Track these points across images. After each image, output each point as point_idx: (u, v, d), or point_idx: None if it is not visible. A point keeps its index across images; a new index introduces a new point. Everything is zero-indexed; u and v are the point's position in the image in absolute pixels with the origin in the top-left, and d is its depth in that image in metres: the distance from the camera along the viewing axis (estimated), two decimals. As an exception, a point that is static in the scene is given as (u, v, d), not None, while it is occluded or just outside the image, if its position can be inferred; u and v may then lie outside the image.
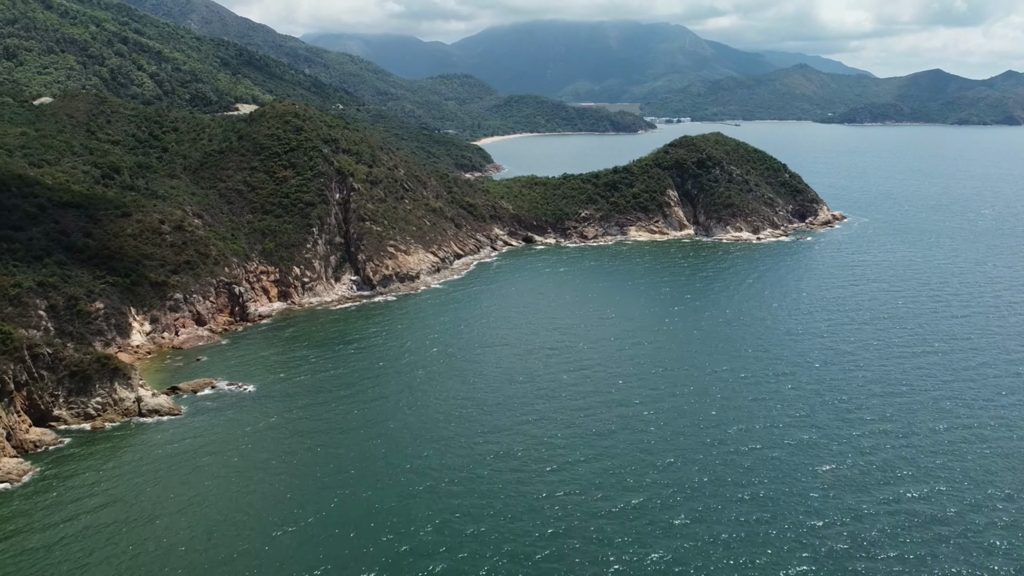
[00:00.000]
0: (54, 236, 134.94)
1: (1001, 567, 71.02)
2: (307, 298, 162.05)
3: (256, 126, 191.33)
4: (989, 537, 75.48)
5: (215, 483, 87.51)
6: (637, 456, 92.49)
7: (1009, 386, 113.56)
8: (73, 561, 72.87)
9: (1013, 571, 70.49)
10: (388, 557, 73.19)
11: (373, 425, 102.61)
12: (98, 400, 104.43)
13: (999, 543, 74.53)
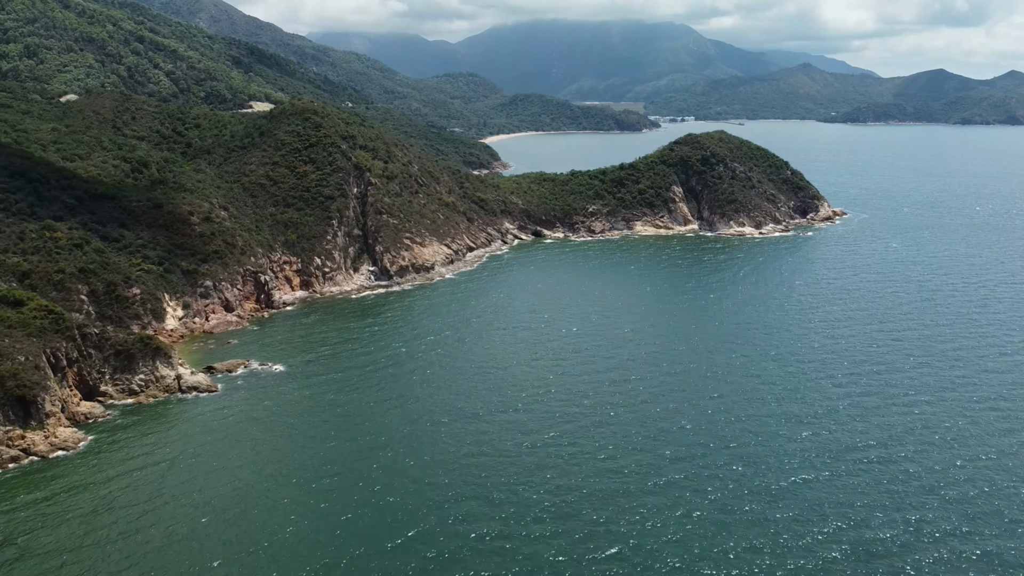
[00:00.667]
0: (91, 226, 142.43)
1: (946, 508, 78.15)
2: (328, 287, 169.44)
3: (277, 123, 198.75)
4: (945, 483, 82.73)
5: (254, 450, 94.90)
6: (637, 417, 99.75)
7: (984, 365, 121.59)
8: (127, 517, 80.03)
9: (954, 508, 77.54)
10: (422, 502, 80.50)
11: (396, 399, 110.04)
12: (141, 377, 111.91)
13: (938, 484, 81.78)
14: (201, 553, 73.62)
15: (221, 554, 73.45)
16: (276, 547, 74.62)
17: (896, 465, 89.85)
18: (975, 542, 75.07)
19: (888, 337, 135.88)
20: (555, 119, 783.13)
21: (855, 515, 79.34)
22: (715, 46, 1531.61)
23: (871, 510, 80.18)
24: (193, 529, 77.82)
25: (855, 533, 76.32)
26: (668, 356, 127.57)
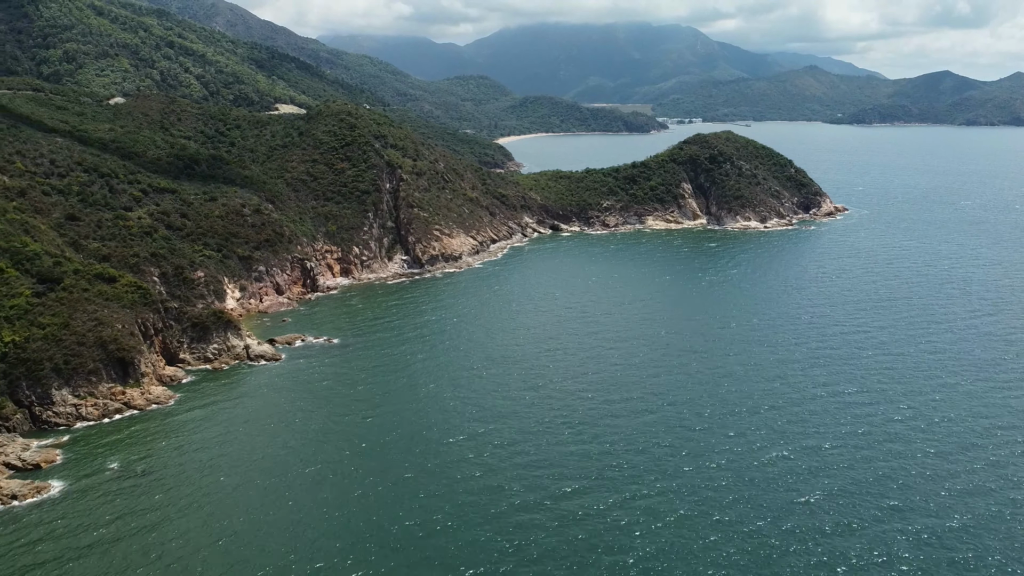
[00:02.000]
0: (157, 216, 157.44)
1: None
2: (365, 274, 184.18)
3: (314, 124, 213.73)
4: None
5: (317, 404, 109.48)
6: (644, 379, 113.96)
7: (960, 336, 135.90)
8: (217, 457, 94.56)
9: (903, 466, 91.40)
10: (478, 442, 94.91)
11: (442, 368, 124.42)
12: (215, 347, 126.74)
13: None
14: (278, 477, 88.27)
15: (294, 479, 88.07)
16: (341, 472, 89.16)
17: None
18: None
19: (878, 310, 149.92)
20: (565, 121, 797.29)
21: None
22: (721, 48, 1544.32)
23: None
24: (274, 463, 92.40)
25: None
26: (679, 330, 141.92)
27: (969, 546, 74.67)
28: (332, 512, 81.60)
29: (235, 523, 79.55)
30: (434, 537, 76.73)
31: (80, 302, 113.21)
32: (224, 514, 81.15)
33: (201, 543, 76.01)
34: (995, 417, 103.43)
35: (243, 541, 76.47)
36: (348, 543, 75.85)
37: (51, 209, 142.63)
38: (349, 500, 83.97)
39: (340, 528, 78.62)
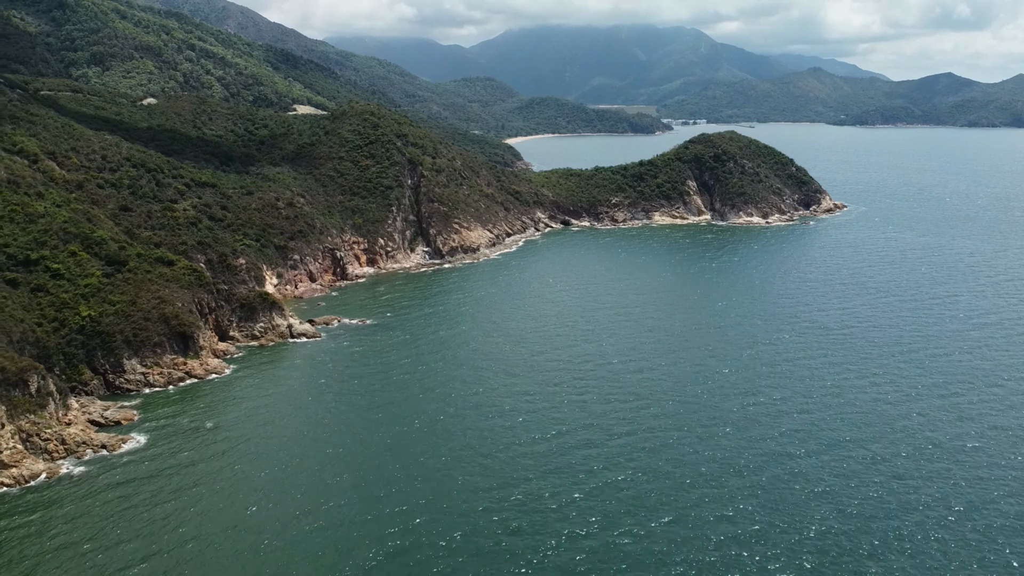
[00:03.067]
0: (200, 208, 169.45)
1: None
2: (390, 264, 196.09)
3: (339, 123, 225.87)
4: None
5: (360, 374, 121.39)
6: (638, 345, 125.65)
7: (930, 310, 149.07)
8: (271, 415, 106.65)
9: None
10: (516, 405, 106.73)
11: (468, 342, 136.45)
12: (261, 325, 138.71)
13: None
14: (324, 429, 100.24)
15: (336, 429, 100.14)
16: (375, 430, 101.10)
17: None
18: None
19: (871, 295, 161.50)
20: (571, 122, 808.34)
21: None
22: (725, 49, 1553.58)
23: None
24: (320, 419, 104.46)
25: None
26: (679, 312, 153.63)
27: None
28: (370, 448, 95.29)
29: (288, 464, 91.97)
30: (463, 450, 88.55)
31: (144, 282, 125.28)
32: (279, 458, 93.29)
33: (264, 481, 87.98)
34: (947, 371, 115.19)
35: (296, 475, 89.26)
36: (377, 463, 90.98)
37: (106, 201, 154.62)
38: (386, 438, 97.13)
39: (376, 456, 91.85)
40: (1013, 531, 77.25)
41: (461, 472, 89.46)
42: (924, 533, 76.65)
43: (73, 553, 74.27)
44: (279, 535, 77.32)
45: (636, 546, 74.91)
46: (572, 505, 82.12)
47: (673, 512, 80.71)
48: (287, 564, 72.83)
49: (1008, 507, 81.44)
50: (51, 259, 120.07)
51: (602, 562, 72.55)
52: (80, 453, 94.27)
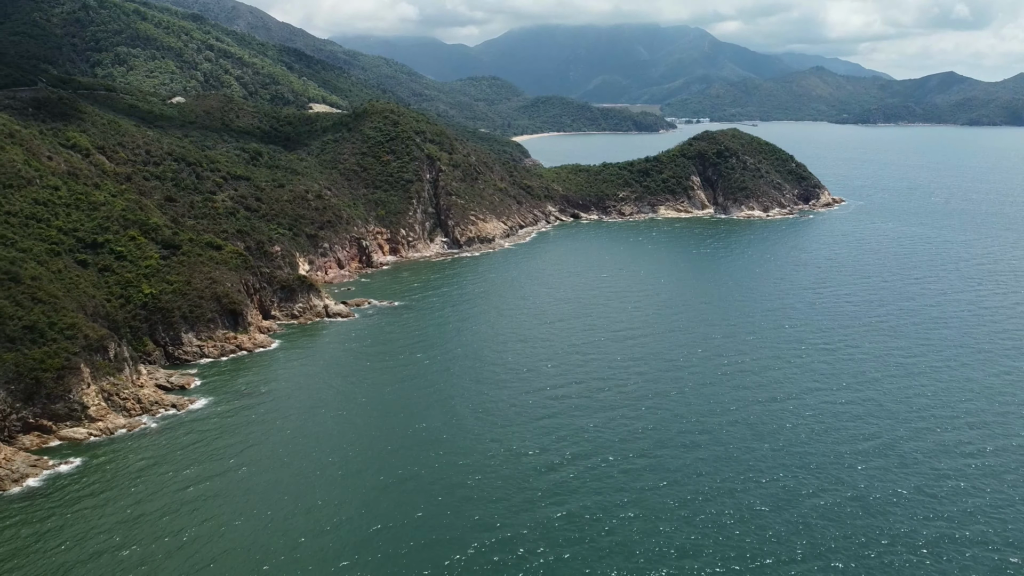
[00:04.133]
0: (236, 199, 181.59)
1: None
2: (411, 253, 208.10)
3: (361, 121, 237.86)
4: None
5: (392, 346, 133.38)
6: (637, 321, 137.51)
7: (909, 288, 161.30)
8: (316, 381, 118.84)
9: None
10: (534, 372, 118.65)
11: (489, 318, 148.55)
12: (300, 305, 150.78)
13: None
14: (363, 391, 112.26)
15: (375, 391, 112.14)
16: (409, 396, 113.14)
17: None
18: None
19: (865, 280, 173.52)
20: (575, 120, 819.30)
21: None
22: (729, 48, 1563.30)
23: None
24: (359, 383, 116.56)
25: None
26: (683, 296, 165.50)
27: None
28: (405, 404, 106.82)
29: (335, 420, 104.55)
30: (479, 399, 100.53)
31: (197, 264, 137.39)
32: (326, 416, 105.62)
33: (316, 433, 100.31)
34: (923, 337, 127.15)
35: (343, 428, 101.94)
36: (414, 415, 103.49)
37: (152, 192, 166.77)
38: (418, 397, 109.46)
39: (412, 410, 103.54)
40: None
41: (487, 410, 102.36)
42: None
43: (160, 486, 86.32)
44: (334, 470, 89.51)
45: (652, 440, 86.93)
46: (594, 427, 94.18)
47: (683, 423, 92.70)
48: (343, 486, 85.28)
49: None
50: (115, 242, 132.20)
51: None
52: (153, 411, 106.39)
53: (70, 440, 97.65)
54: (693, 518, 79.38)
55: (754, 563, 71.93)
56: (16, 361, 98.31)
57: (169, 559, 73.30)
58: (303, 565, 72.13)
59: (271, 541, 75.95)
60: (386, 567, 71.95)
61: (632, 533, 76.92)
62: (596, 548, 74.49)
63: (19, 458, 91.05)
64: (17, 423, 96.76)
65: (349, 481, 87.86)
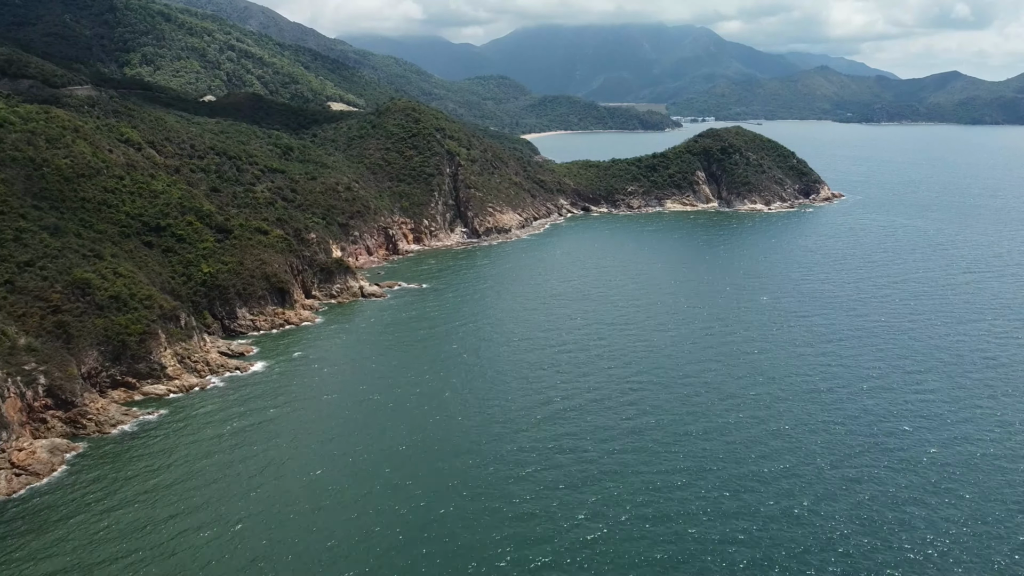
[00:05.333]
0: (273, 190, 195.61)
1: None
2: (433, 242, 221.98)
3: (385, 118, 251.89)
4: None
5: (423, 320, 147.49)
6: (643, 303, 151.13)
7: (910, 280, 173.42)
8: (359, 349, 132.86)
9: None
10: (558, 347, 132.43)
11: (511, 298, 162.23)
12: (338, 286, 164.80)
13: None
14: (399, 358, 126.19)
15: (410, 355, 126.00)
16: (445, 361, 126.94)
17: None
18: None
19: (848, 262, 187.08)
20: (582, 119, 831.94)
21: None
22: (734, 48, 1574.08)
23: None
24: (396, 349, 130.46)
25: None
26: (688, 283, 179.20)
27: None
28: (438, 369, 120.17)
29: (377, 380, 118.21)
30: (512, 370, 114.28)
31: (247, 247, 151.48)
32: (370, 378, 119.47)
33: (362, 392, 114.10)
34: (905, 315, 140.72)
35: (384, 386, 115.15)
36: (445, 376, 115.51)
37: (199, 183, 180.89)
38: (447, 362, 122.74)
39: (444, 371, 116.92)
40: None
41: (508, 371, 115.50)
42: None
43: (236, 428, 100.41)
44: (377, 417, 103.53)
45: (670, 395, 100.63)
46: (607, 393, 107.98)
47: (691, 384, 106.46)
48: (385, 429, 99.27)
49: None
50: (175, 227, 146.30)
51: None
52: (220, 372, 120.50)
53: (152, 395, 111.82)
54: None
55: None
56: (105, 326, 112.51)
57: (249, 474, 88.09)
58: (349, 468, 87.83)
59: (331, 458, 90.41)
60: (411, 464, 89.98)
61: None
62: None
63: (112, 408, 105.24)
64: (107, 380, 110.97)
65: (393, 418, 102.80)
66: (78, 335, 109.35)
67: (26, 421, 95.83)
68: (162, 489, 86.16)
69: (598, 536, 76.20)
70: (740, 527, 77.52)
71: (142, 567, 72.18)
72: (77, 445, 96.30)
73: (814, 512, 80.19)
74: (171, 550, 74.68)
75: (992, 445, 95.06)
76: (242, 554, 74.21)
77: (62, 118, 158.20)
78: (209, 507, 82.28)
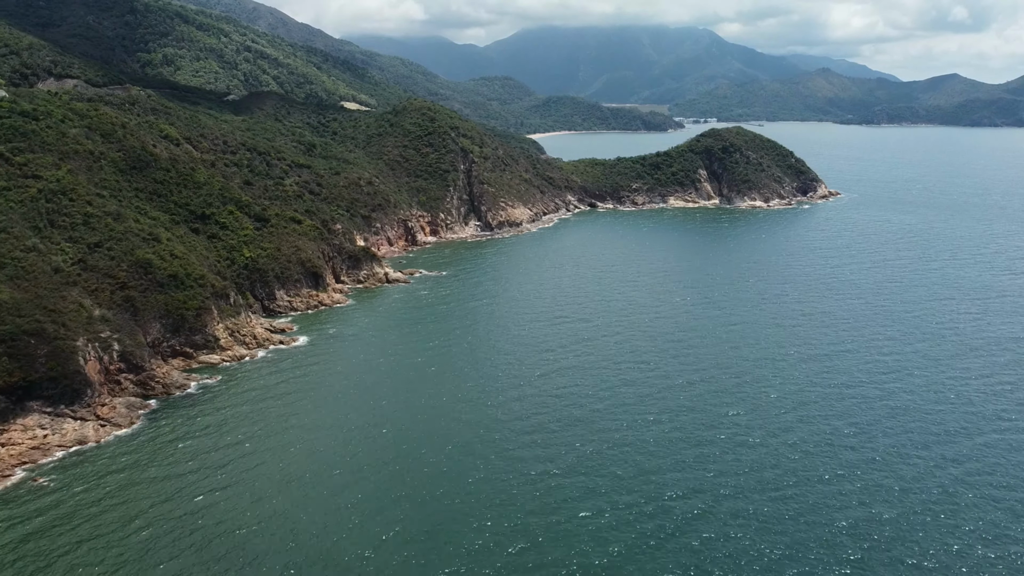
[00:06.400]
0: (300, 184, 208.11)
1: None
2: (449, 234, 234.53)
3: (401, 117, 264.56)
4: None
5: (445, 300, 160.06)
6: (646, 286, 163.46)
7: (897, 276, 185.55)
8: (390, 326, 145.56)
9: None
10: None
11: (526, 284, 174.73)
12: (364, 272, 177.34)
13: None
14: (423, 333, 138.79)
15: (434, 328, 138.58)
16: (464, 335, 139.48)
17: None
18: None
19: (853, 260, 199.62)
20: (586, 120, 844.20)
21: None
22: (736, 49, 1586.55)
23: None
24: (421, 324, 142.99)
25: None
26: (699, 280, 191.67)
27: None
28: (458, 342, 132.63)
29: (404, 350, 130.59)
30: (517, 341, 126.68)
31: (283, 234, 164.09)
32: (399, 349, 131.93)
33: (398, 357, 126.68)
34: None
35: (411, 353, 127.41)
36: (465, 349, 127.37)
37: (233, 176, 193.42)
38: (466, 335, 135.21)
39: (464, 344, 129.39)
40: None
41: (521, 346, 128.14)
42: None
43: (287, 388, 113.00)
44: (411, 375, 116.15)
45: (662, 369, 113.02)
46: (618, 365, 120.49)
47: (694, 356, 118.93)
48: (425, 386, 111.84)
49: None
50: (218, 215, 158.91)
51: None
52: (266, 345, 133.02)
53: (208, 364, 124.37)
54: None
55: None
56: (166, 301, 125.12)
57: (305, 425, 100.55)
58: (382, 414, 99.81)
59: (365, 410, 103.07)
60: (429, 413, 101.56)
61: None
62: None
63: (175, 373, 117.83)
64: (168, 349, 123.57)
65: (435, 376, 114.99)
66: (143, 309, 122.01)
67: (104, 382, 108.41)
68: (228, 432, 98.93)
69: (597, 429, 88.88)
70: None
71: (216, 478, 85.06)
72: (149, 403, 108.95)
73: (737, 422, 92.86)
74: (255, 471, 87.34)
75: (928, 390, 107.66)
76: (299, 466, 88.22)
77: (110, 115, 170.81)
78: (268, 444, 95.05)
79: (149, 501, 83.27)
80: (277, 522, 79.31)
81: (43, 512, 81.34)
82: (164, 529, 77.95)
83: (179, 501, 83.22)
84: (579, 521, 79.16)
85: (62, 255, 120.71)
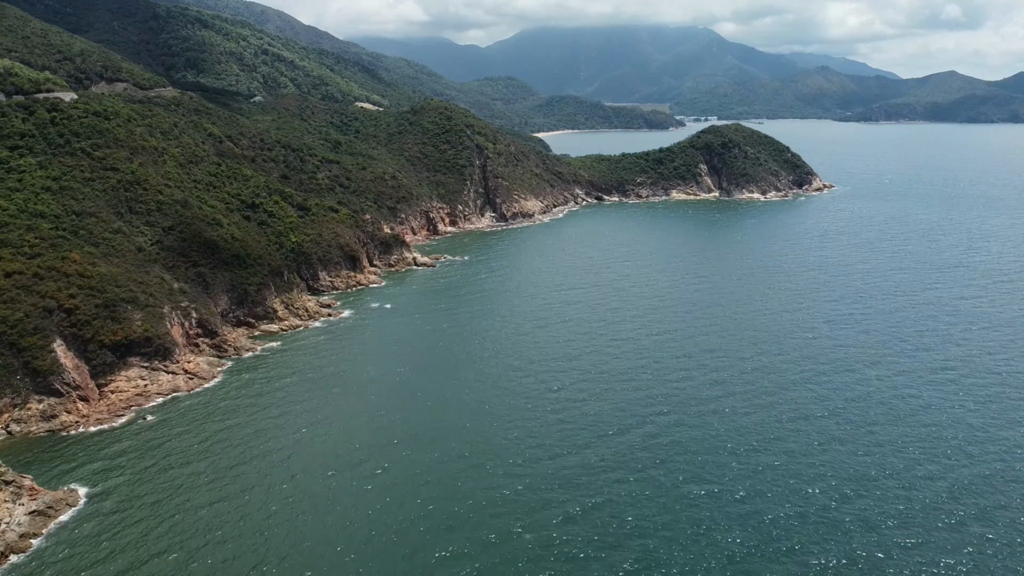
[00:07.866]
0: (331, 178, 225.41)
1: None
2: (467, 225, 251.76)
3: (420, 116, 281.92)
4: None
5: (467, 280, 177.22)
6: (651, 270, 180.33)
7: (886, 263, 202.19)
8: (420, 301, 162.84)
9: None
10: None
11: (541, 266, 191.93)
12: (394, 257, 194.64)
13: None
14: (451, 306, 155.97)
15: (458, 303, 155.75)
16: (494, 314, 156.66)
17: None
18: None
19: (844, 245, 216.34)
20: (589, 119, 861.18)
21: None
22: (737, 48, 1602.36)
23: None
24: (447, 298, 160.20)
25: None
26: (694, 260, 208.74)
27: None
28: (482, 316, 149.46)
29: (438, 319, 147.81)
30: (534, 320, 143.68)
31: (324, 222, 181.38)
32: (433, 318, 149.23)
33: (427, 326, 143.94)
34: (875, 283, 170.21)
35: (441, 321, 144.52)
36: (488, 324, 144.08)
37: (271, 171, 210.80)
38: (488, 311, 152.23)
39: (488, 317, 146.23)
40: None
41: (534, 323, 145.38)
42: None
43: (339, 349, 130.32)
44: (444, 337, 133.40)
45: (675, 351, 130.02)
46: (628, 343, 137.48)
47: (698, 338, 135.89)
48: (463, 347, 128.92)
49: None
50: (265, 204, 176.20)
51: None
52: (316, 318, 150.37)
53: (268, 332, 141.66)
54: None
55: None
56: (231, 278, 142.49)
57: (359, 378, 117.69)
58: (424, 373, 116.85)
59: (413, 362, 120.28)
60: (483, 363, 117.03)
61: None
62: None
63: (243, 339, 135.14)
64: (233, 319, 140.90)
65: (455, 336, 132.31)
66: (213, 283, 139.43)
67: (186, 344, 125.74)
68: (295, 385, 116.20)
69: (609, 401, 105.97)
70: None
71: (284, 420, 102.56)
72: (225, 362, 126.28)
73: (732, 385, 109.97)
74: (313, 414, 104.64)
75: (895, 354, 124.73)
76: (353, 410, 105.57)
77: (163, 115, 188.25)
78: (334, 392, 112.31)
79: (245, 436, 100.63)
80: (363, 447, 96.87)
81: (165, 440, 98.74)
82: (263, 452, 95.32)
83: (273, 437, 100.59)
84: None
85: (142, 236, 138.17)
